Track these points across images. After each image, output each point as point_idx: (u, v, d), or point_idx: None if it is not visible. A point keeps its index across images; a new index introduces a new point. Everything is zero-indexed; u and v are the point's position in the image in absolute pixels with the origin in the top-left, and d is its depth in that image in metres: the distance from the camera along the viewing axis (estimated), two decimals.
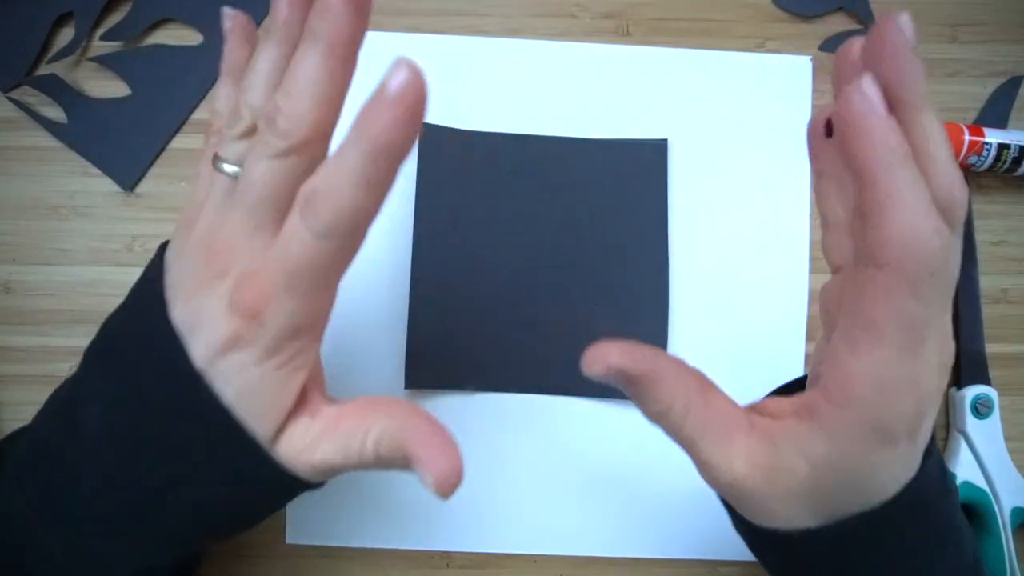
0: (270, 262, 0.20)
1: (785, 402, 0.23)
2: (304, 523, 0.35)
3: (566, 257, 0.35)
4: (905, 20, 0.18)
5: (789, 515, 0.22)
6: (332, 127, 0.20)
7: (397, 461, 0.21)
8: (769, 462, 0.22)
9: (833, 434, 0.21)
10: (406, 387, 0.35)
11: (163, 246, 0.23)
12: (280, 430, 0.22)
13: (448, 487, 0.19)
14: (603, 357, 0.22)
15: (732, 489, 0.23)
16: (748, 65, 0.37)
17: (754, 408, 0.24)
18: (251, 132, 0.22)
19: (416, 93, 0.18)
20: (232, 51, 0.25)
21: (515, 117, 0.36)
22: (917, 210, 0.18)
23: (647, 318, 0.35)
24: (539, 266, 0.35)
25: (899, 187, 0.18)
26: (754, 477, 0.22)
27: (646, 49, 0.37)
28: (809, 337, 0.36)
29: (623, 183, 0.36)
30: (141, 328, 0.22)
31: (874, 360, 0.19)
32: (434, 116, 0.36)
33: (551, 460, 0.36)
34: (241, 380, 0.21)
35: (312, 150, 0.20)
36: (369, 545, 0.35)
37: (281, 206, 0.20)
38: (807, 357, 0.36)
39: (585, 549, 0.36)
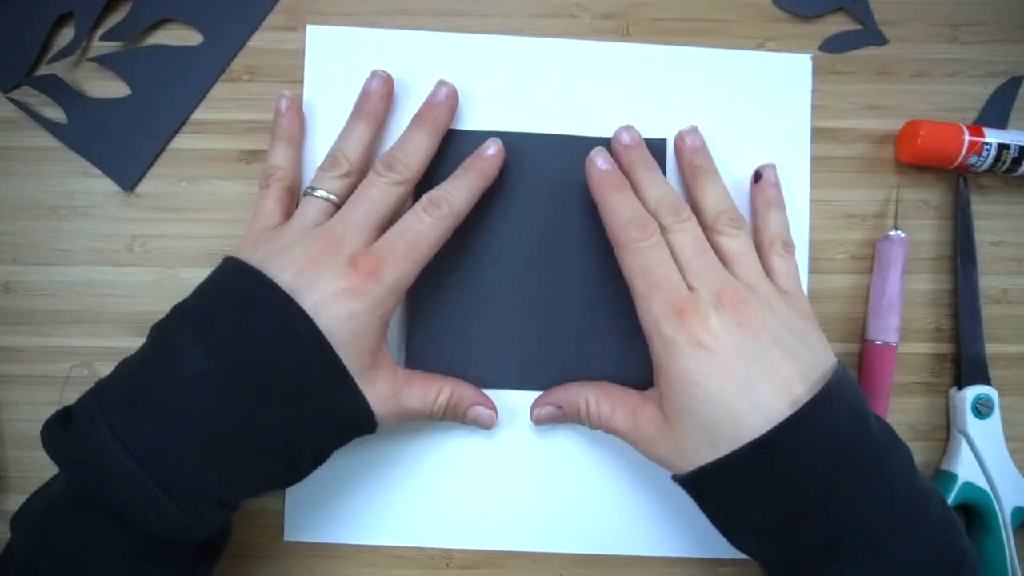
0: (390, 238, 0.30)
1: None
2: (302, 520, 0.35)
3: (565, 256, 0.35)
4: (691, 130, 0.34)
5: (695, 452, 0.28)
6: (423, 171, 0.33)
7: (457, 413, 0.33)
8: (659, 415, 0.30)
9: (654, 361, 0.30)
10: (406, 367, 0.35)
11: (228, 258, 0.30)
12: (364, 373, 0.29)
13: (493, 422, 0.34)
14: (536, 417, 0.35)
15: (647, 445, 0.31)
16: (748, 63, 0.37)
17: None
18: (348, 175, 0.32)
19: (502, 155, 0.34)
20: (291, 123, 0.34)
21: (515, 115, 0.36)
22: (615, 210, 0.31)
23: None
24: (538, 265, 0.35)
25: (610, 198, 0.31)
26: (655, 429, 0.30)
27: (645, 47, 0.37)
28: None
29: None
30: (241, 295, 0.28)
31: (634, 292, 0.31)
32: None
33: (550, 458, 0.36)
34: (350, 325, 0.28)
35: (411, 183, 0.32)
36: (368, 543, 0.35)
37: (384, 213, 0.31)
38: None
39: (585, 547, 0.36)
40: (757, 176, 0.35)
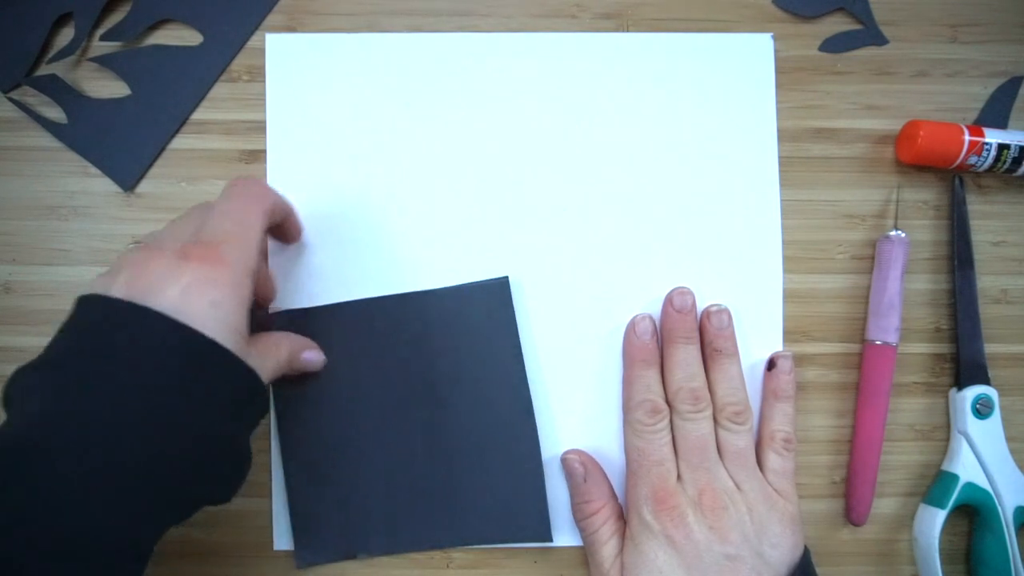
0: (212, 220, 0.28)
1: None
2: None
3: (430, 411, 0.35)
4: (719, 310, 0.34)
5: None
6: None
7: (294, 362, 0.32)
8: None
9: None
10: (299, 566, 0.35)
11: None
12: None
13: (321, 364, 0.34)
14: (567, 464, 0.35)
15: None
16: (707, 46, 0.37)
17: None
18: None
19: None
20: None
21: (484, 114, 0.36)
22: (632, 386, 0.34)
23: (519, 461, 0.35)
24: (408, 425, 0.35)
25: (633, 372, 0.34)
26: None
27: (603, 36, 0.37)
28: (786, 338, 0.36)
29: (473, 326, 0.35)
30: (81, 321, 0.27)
31: (628, 465, 0.34)
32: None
33: (545, 451, 0.36)
34: (215, 314, 0.25)
35: None
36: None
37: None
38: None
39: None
40: (771, 364, 0.35)
